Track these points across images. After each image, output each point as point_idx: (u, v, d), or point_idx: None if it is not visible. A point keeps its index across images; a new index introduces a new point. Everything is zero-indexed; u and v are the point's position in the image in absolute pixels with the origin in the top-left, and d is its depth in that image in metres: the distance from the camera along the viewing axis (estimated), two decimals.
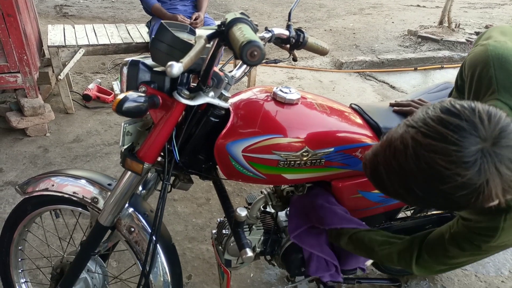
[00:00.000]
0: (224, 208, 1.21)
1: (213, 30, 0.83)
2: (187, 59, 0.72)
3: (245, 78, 3.79)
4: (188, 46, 0.94)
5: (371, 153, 0.85)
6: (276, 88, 1.17)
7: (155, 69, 1.03)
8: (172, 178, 1.24)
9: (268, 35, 1.18)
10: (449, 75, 4.56)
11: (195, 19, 3.03)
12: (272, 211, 1.45)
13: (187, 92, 1.01)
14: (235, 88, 3.46)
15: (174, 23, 1.06)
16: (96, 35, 3.14)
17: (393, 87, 4.14)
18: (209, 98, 1.02)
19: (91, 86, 3.41)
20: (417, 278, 1.90)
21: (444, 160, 0.69)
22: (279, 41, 1.26)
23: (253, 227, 1.34)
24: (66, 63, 2.94)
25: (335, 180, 1.23)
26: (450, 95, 1.29)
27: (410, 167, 0.72)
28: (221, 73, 1.03)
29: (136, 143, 1.13)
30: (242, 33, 0.68)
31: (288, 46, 1.27)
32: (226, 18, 0.77)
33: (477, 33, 5.52)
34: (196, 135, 1.10)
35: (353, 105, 1.36)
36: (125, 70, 1.03)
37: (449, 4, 5.29)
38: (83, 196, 1.21)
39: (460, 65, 1.11)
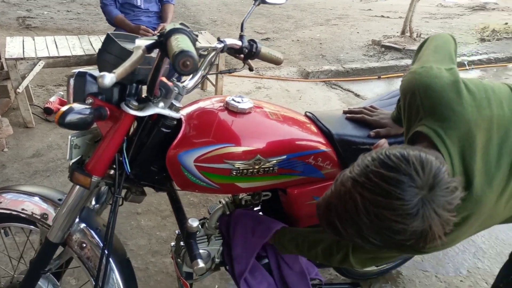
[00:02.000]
0: (178, 219, 1.20)
1: (153, 41, 0.83)
2: (121, 69, 0.71)
3: (213, 88, 3.80)
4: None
5: (323, 205, 0.87)
6: (229, 98, 1.18)
7: None
8: (124, 191, 1.22)
9: (220, 45, 1.19)
10: None
11: (161, 30, 3.01)
12: None
13: (135, 103, 1.00)
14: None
15: (122, 34, 1.05)
16: (57, 47, 3.07)
17: (357, 95, 4.24)
18: (159, 108, 1.02)
19: (52, 99, 3.28)
20: (380, 281, 1.93)
21: (392, 214, 0.75)
22: (233, 51, 1.27)
23: (212, 237, 1.33)
24: (25, 76, 2.86)
25: (290, 187, 1.24)
26: (399, 100, 1.33)
27: (363, 221, 0.78)
28: (169, 83, 1.02)
29: (86, 156, 1.10)
30: (177, 43, 0.68)
31: (242, 56, 1.28)
32: (165, 29, 0.78)
33: None
34: (147, 146, 1.09)
35: (307, 113, 1.39)
36: (71, 81, 1.01)
37: (410, 14, 5.50)
38: (32, 212, 1.17)
39: None
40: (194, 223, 1.02)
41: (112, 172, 1.10)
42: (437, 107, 0.94)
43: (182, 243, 1.33)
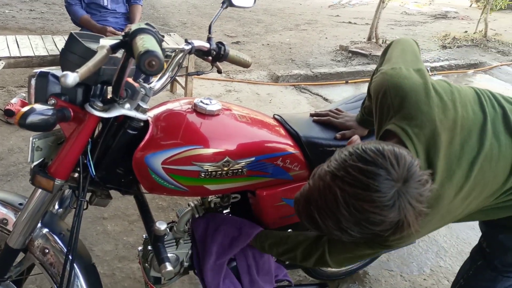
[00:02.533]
0: (145, 223, 1.18)
1: (117, 40, 0.82)
2: (84, 69, 0.70)
3: (182, 91, 3.76)
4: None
5: (303, 200, 0.89)
6: (197, 100, 1.17)
7: None
8: (89, 195, 1.19)
9: (188, 47, 1.19)
10: None
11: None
12: None
13: (100, 104, 0.98)
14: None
15: (86, 34, 1.03)
16: (18, 47, 2.95)
17: (326, 99, 4.32)
18: (125, 110, 1.00)
19: (14, 100, 3.18)
20: (347, 282, 1.97)
21: (371, 205, 0.78)
22: (201, 53, 1.27)
23: (181, 241, 1.32)
24: None
25: (259, 189, 1.25)
26: (363, 103, 1.37)
27: (342, 213, 0.81)
28: (136, 84, 1.01)
29: (49, 158, 1.07)
30: (143, 42, 0.68)
31: (210, 58, 1.29)
32: (130, 29, 0.77)
33: None
34: (113, 148, 1.07)
35: (275, 116, 1.40)
36: (33, 82, 0.98)
37: (376, 21, 5.67)
38: None
39: None
40: (161, 226, 1.01)
41: (76, 175, 1.07)
42: (406, 106, 0.99)
43: (149, 247, 1.31)
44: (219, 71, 1.38)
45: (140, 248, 1.39)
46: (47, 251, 1.11)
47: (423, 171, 0.83)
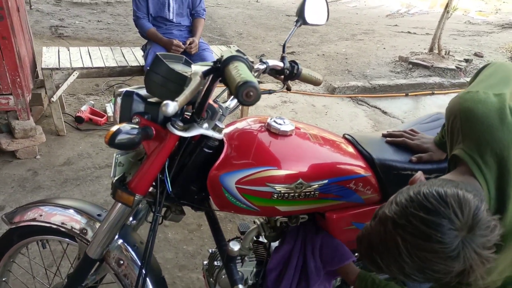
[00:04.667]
0: (216, 240, 1.18)
1: (209, 67, 0.83)
2: (182, 97, 0.71)
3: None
4: (183, 78, 0.94)
5: (365, 243, 0.88)
6: (270, 119, 1.17)
7: (149, 100, 1.03)
8: (164, 210, 1.22)
9: (262, 66, 1.19)
10: (440, 101, 4.63)
11: (190, 43, 3.05)
12: (265, 241, 1.42)
13: (181, 124, 1.00)
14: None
15: (169, 55, 1.06)
16: (90, 58, 3.15)
17: (385, 112, 4.18)
18: (203, 129, 1.02)
19: (83, 108, 3.39)
20: None
21: (434, 256, 0.77)
22: (274, 72, 1.27)
23: (246, 258, 1.32)
24: (60, 86, 2.93)
25: (329, 211, 1.22)
26: (443, 126, 1.30)
27: (405, 261, 0.79)
28: (215, 105, 1.02)
29: (128, 173, 1.11)
30: (238, 72, 0.68)
31: (282, 77, 1.28)
32: (222, 56, 0.77)
33: (466, 60, 5.64)
34: (189, 166, 1.09)
35: (346, 136, 1.36)
36: (119, 100, 1.02)
37: (439, 31, 5.42)
38: (71, 227, 1.18)
39: (450, 91, 1.15)
40: (235, 246, 1.01)
41: (153, 190, 1.10)
42: (476, 133, 0.94)
43: (216, 263, 1.32)
44: (289, 89, 1.37)
45: (205, 262, 1.40)
46: (122, 262, 1.15)
47: (491, 216, 0.79)
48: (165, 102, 0.66)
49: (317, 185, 1.11)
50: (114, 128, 0.91)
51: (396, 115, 4.16)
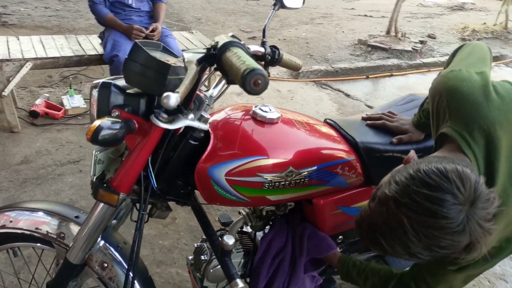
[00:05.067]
0: (207, 235, 1.14)
1: (202, 54, 0.78)
2: (183, 88, 0.66)
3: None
4: (165, 66, 0.89)
5: (366, 226, 0.87)
6: (256, 107, 1.13)
7: (128, 91, 0.96)
8: (149, 207, 1.16)
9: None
10: (398, 82, 4.77)
11: (153, 30, 2.92)
12: (249, 231, 1.40)
13: (165, 116, 0.94)
14: None
15: (147, 42, 0.99)
16: (44, 47, 2.93)
17: (348, 95, 4.25)
18: (189, 121, 0.96)
19: (38, 101, 3.18)
20: None
21: (440, 232, 0.77)
22: (254, 58, 1.22)
23: (233, 250, 1.29)
24: (11, 78, 2.71)
25: (316, 197, 1.21)
26: (421, 106, 1.32)
27: (411, 240, 0.79)
28: (201, 94, 0.97)
29: (107, 170, 1.04)
30: (241, 59, 0.63)
31: (263, 63, 1.24)
32: (217, 42, 0.72)
33: (421, 42, 5.84)
34: (174, 159, 1.04)
35: (328, 120, 1.36)
36: (95, 93, 0.95)
37: (395, 14, 5.56)
38: (47, 231, 1.10)
39: (407, 72, 1.16)
40: (230, 240, 0.98)
41: (137, 187, 1.04)
42: (463, 110, 0.95)
43: (203, 257, 1.28)
44: (268, 75, 1.34)
45: (190, 256, 1.36)
46: (105, 265, 1.09)
47: (489, 189, 0.81)
48: (166, 94, 0.61)
49: (306, 172, 1.10)
50: (96, 124, 0.84)
51: (359, 97, 4.24)
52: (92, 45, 3.09)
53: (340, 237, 1.40)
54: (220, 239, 1.08)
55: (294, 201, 1.24)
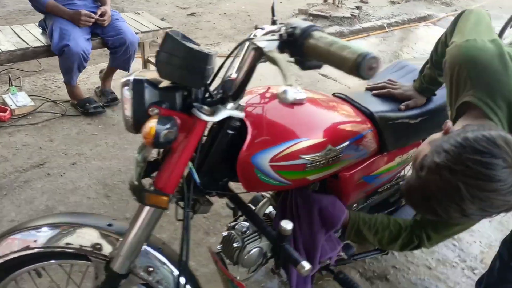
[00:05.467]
0: (255, 223, 1.12)
1: (277, 41, 0.74)
2: (292, 78, 0.63)
3: None
4: (205, 57, 0.84)
5: (418, 196, 0.93)
6: (282, 88, 1.11)
7: (161, 85, 0.90)
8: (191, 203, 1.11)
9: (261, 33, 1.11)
10: None
11: (102, 15, 2.70)
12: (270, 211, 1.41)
13: (207, 108, 0.90)
14: None
15: (176, 32, 0.92)
16: None
17: None
18: (229, 110, 0.93)
19: None
20: None
21: (494, 194, 0.84)
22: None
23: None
24: None
25: (342, 172, 1.24)
26: (421, 72, 1.39)
27: (467, 204, 0.86)
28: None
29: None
30: (340, 44, 0.61)
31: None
32: (294, 26, 0.69)
33: (357, 7, 6.03)
34: (213, 152, 1.00)
35: (337, 94, 1.38)
36: (127, 91, 0.87)
37: None
38: (80, 245, 1.01)
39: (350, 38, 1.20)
40: (287, 225, 0.97)
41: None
42: (485, 79, 1.02)
43: (236, 245, 1.27)
44: None
45: (218, 246, 1.34)
46: (151, 269, 1.04)
47: None
48: (283, 89, 0.57)
49: (341, 148, 1.12)
50: (151, 126, 0.79)
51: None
52: (33, 35, 2.79)
53: (354, 205, 1.46)
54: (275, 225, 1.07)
55: (322, 179, 1.26)
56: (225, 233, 1.32)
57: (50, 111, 2.96)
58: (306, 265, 0.95)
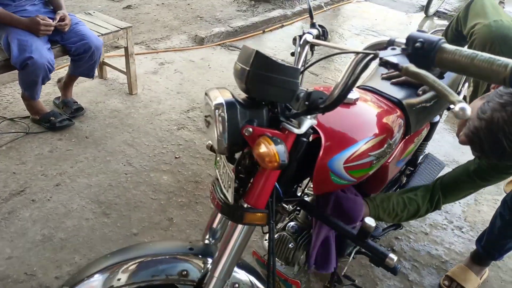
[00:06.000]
0: (329, 223, 1.15)
1: (399, 54, 0.75)
2: (457, 95, 0.65)
3: (114, 75, 3.39)
4: (296, 71, 0.85)
5: (485, 133, 1.03)
6: None
7: (245, 103, 0.89)
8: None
9: (310, 37, 1.13)
10: (291, 31, 5.04)
11: (61, 20, 2.48)
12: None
13: (295, 121, 0.91)
14: None
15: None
16: None
17: None
18: (310, 120, 0.94)
19: None
20: None
21: None
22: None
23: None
24: None
25: None
26: None
27: None
28: (311, 88, 0.95)
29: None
30: (490, 58, 0.64)
31: None
32: (422, 41, 0.70)
33: None
34: (292, 161, 1.01)
35: (362, 87, 1.44)
36: (222, 113, 0.85)
37: None
38: (166, 275, 0.98)
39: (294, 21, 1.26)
40: (371, 222, 1.02)
41: None
42: None
43: (291, 245, 1.30)
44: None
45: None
46: (237, 285, 1.04)
47: None
48: (461, 105, 0.60)
49: (395, 139, 1.19)
50: (273, 150, 0.80)
51: (269, 52, 4.36)
52: None
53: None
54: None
55: None
56: (277, 235, 1.35)
57: (10, 130, 2.69)
58: (394, 257, 1.01)
